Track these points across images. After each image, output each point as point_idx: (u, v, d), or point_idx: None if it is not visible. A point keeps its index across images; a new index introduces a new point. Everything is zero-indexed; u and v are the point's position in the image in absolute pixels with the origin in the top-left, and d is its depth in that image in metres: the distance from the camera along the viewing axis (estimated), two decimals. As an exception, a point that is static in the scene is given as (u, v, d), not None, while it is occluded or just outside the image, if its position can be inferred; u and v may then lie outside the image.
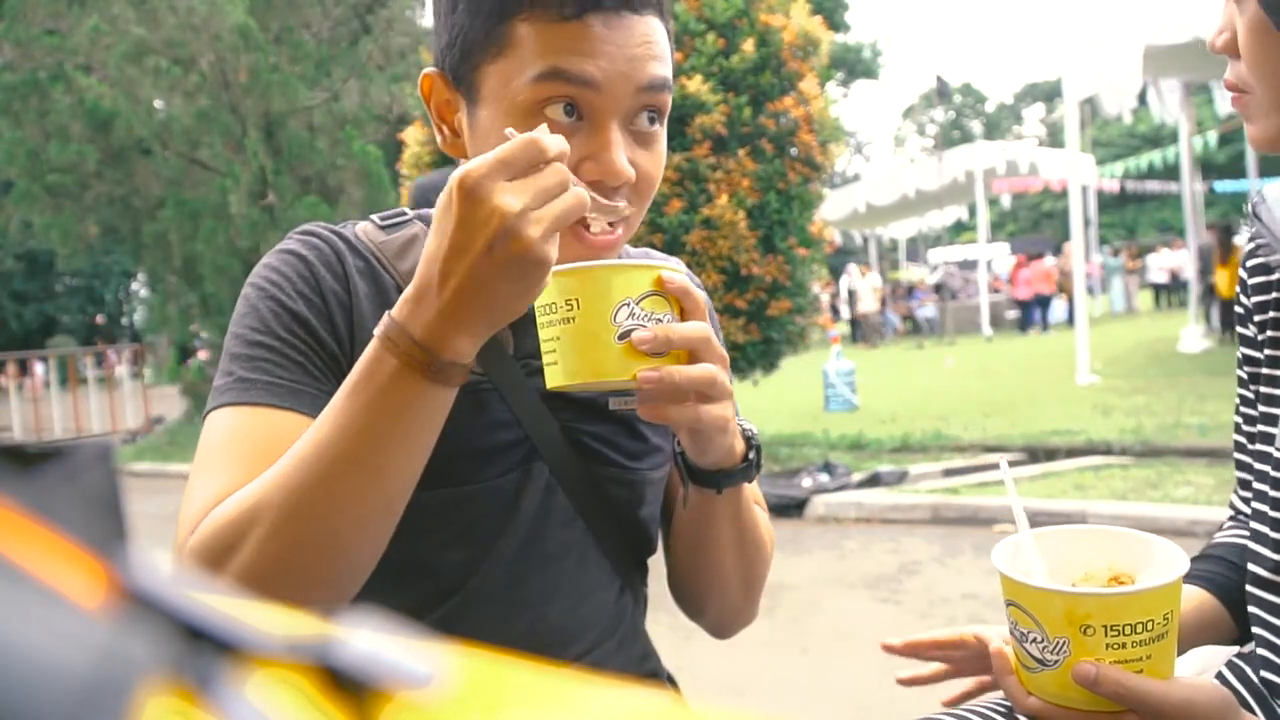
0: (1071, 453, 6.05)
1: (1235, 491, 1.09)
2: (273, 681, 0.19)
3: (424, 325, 0.71)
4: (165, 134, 11.08)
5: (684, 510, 0.95)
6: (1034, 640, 0.80)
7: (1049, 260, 18.84)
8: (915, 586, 3.92)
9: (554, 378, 0.79)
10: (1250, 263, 0.99)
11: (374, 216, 0.96)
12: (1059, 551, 0.88)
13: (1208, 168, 25.53)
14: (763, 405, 8.73)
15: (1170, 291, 21.01)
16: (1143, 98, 10.27)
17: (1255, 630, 0.93)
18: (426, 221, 0.95)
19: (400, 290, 0.88)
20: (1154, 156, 18.57)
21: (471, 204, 0.68)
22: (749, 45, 5.83)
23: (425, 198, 3.80)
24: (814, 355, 10.43)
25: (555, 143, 0.70)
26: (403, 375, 0.72)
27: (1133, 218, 38.98)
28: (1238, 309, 1.02)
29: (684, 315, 0.79)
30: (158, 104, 11.35)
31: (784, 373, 6.86)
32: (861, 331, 19.35)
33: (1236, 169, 24.94)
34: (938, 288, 20.99)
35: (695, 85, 5.67)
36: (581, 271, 0.76)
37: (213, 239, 10.46)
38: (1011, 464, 5.85)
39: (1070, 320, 15.25)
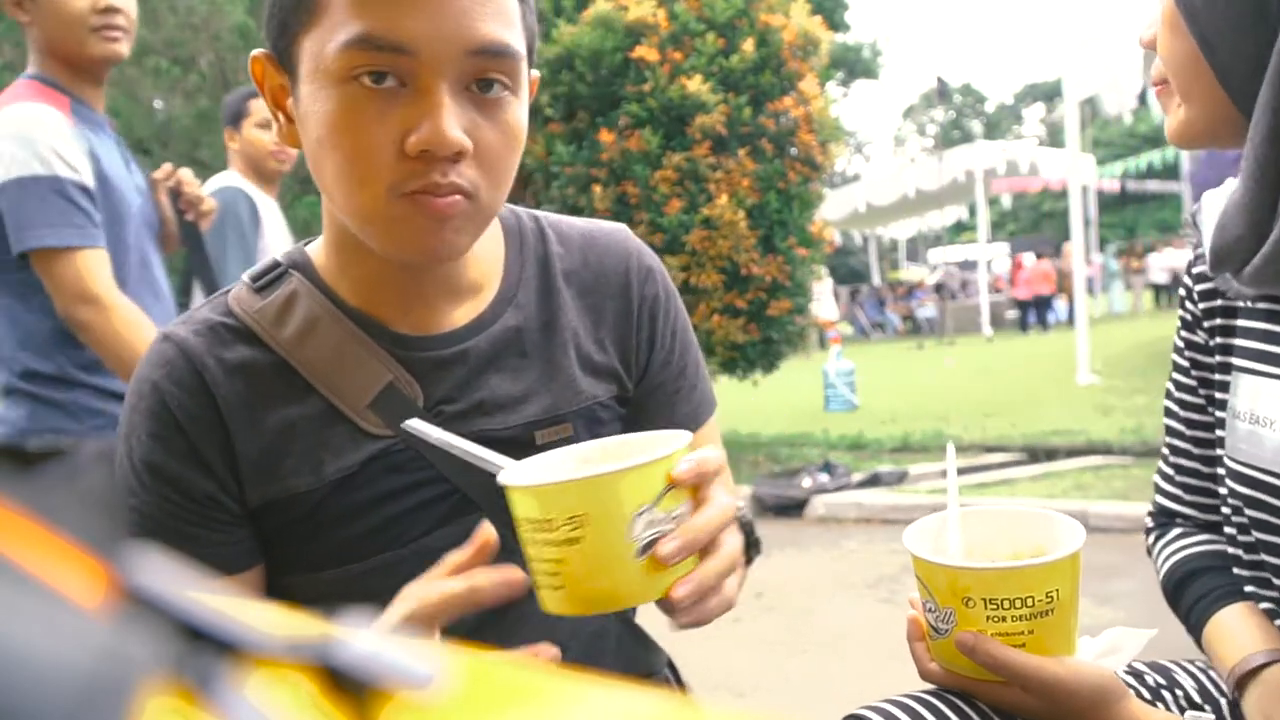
0: (1071, 453, 6.05)
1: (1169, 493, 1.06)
2: (273, 681, 0.19)
3: None
4: (165, 134, 11.08)
5: None
6: (930, 609, 0.85)
7: (1044, 262, 18.82)
8: (915, 587, 3.92)
9: (558, 604, 0.66)
10: (1195, 270, 0.98)
11: (246, 276, 0.87)
12: (982, 531, 0.92)
13: (1208, 168, 25.49)
14: (763, 405, 8.72)
15: (1171, 291, 21.00)
16: (1143, 98, 10.27)
17: None
18: (301, 269, 0.86)
19: (286, 364, 0.82)
20: (1154, 156, 18.54)
21: None
22: (749, 45, 5.83)
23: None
24: (812, 356, 10.43)
25: None
26: None
27: (1133, 218, 38.97)
28: (1183, 314, 1.00)
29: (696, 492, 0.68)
30: (158, 104, 11.35)
31: (784, 373, 6.85)
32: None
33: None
34: (938, 288, 20.98)
35: (695, 85, 5.67)
36: (583, 484, 0.63)
37: (213, 239, 10.46)
38: (1012, 464, 5.78)
39: (1070, 320, 15.25)
